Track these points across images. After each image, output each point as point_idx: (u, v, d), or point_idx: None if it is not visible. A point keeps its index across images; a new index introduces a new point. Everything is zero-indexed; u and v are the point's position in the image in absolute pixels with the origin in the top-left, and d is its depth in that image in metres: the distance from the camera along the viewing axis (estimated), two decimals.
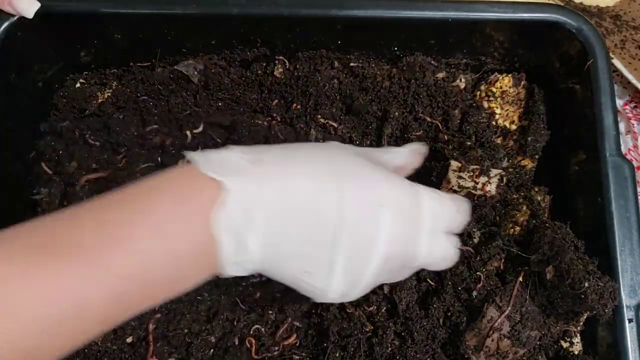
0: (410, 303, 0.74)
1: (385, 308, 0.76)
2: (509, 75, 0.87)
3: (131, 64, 0.87)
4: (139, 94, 0.84)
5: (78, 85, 0.86)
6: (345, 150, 0.59)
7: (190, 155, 0.52)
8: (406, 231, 0.55)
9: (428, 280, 0.76)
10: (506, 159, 0.83)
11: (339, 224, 0.51)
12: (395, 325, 0.74)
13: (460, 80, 0.88)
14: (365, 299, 0.76)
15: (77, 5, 0.78)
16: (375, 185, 0.54)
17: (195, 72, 0.86)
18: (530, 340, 0.66)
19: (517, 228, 0.78)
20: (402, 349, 0.71)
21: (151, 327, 0.74)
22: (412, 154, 0.69)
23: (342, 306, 0.76)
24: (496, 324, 0.67)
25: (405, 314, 0.74)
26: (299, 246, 0.51)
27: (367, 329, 0.74)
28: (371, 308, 0.76)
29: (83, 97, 0.85)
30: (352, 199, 0.52)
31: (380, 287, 0.77)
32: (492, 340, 0.67)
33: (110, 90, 0.86)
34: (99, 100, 0.85)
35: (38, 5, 0.75)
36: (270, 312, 0.77)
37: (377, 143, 0.87)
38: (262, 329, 0.76)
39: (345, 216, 0.51)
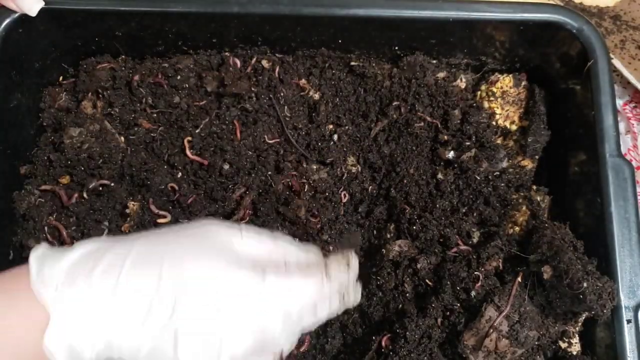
0: (404, 303, 0.75)
1: (380, 306, 0.77)
2: (510, 75, 0.88)
3: (132, 60, 0.87)
4: (139, 89, 0.84)
5: (79, 81, 0.86)
6: (189, 241, 0.56)
7: (31, 257, 0.51)
8: (254, 328, 0.54)
9: (426, 280, 0.76)
10: (506, 159, 0.84)
11: (177, 330, 0.50)
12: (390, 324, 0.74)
13: (461, 80, 0.88)
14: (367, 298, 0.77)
15: (77, 2, 0.78)
16: (215, 284, 0.52)
17: (196, 69, 0.86)
18: (529, 340, 0.66)
19: (517, 228, 0.79)
20: (395, 349, 0.71)
21: None
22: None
23: None
24: (495, 324, 0.67)
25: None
26: (142, 341, 0.50)
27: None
28: (370, 310, 0.77)
29: (83, 92, 0.85)
30: (188, 302, 0.51)
31: (379, 287, 0.77)
32: (491, 340, 0.67)
33: (110, 84, 0.86)
34: (99, 96, 0.85)
35: (42, 3, 0.75)
36: None
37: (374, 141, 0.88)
38: None
39: (183, 322, 0.50)
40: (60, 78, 0.87)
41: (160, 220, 0.80)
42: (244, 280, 0.54)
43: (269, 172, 0.83)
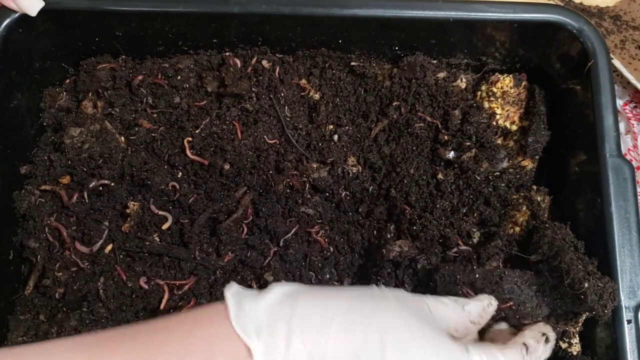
0: None
1: None
2: (510, 75, 0.87)
3: (132, 60, 0.87)
4: (139, 89, 0.84)
5: (79, 81, 0.86)
6: (390, 302, 0.53)
7: (227, 295, 0.52)
8: None
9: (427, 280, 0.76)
10: (506, 159, 0.84)
11: None
12: None
13: (461, 80, 0.88)
14: None
15: (77, 2, 0.78)
16: (423, 350, 0.50)
17: (196, 70, 0.86)
18: None
19: (517, 228, 0.79)
20: None
21: None
22: (479, 310, 0.61)
23: None
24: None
25: None
26: None
27: None
28: None
29: (84, 92, 0.85)
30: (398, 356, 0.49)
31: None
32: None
33: (111, 85, 0.86)
34: (100, 96, 0.85)
35: (42, 3, 0.75)
36: None
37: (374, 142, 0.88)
38: None
39: None
40: (64, 80, 0.87)
41: (164, 227, 0.80)
42: (450, 350, 0.52)
43: (270, 172, 0.83)
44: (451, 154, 0.84)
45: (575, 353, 0.72)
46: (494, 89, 0.86)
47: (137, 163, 0.81)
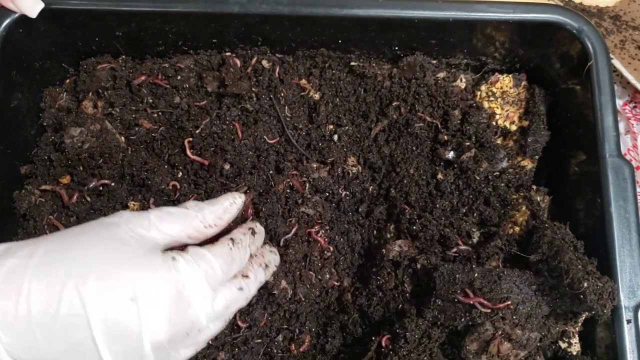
0: (404, 303, 0.75)
1: (380, 306, 0.77)
2: (510, 75, 0.88)
3: (132, 60, 0.87)
4: (140, 89, 0.84)
5: (79, 81, 0.86)
6: (97, 238, 0.55)
7: None
8: (172, 312, 0.54)
9: (427, 280, 0.76)
10: (506, 159, 0.84)
11: (91, 327, 0.50)
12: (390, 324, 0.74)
13: (461, 80, 0.88)
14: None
15: (78, 2, 0.78)
16: (122, 277, 0.52)
17: (196, 70, 0.86)
18: (531, 342, 0.66)
19: (517, 228, 0.79)
20: (395, 349, 0.71)
21: None
22: (216, 214, 0.63)
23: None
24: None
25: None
26: (58, 356, 0.50)
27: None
28: (370, 310, 0.77)
29: (84, 92, 0.85)
30: (97, 298, 0.50)
31: (379, 287, 0.77)
32: (493, 344, 0.67)
33: (111, 84, 0.86)
34: (100, 96, 0.85)
35: (42, 5, 0.76)
36: None
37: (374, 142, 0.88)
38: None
39: (95, 318, 0.50)
40: (64, 80, 0.87)
41: None
42: (155, 266, 0.54)
43: (270, 172, 0.83)
44: (451, 154, 0.84)
45: (575, 353, 0.73)
46: (494, 89, 0.86)
47: (137, 163, 0.81)
